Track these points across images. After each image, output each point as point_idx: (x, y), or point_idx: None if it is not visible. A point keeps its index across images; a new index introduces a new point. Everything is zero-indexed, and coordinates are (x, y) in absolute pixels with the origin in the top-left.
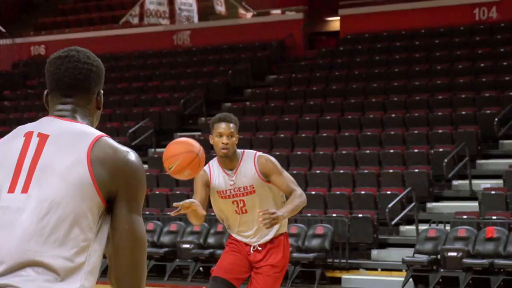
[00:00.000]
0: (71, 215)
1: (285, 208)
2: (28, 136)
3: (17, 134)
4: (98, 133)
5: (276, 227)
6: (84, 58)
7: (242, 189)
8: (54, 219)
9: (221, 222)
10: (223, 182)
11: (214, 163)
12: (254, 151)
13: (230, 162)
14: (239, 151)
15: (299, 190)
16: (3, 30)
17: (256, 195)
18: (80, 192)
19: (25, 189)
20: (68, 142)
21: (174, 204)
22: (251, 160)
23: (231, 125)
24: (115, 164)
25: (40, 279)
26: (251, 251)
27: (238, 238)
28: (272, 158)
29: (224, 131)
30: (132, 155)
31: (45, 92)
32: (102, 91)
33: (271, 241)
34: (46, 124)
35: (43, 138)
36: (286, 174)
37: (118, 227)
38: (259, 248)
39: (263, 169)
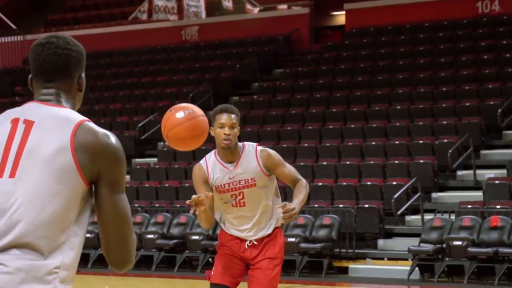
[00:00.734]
0: (55, 198)
1: (297, 200)
2: (15, 122)
3: (4, 120)
4: (80, 118)
5: (274, 222)
6: (64, 44)
7: (243, 182)
8: (40, 203)
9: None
10: (221, 176)
11: (210, 157)
12: (254, 144)
13: (231, 155)
14: (239, 144)
15: (303, 180)
16: (14, 27)
17: (257, 188)
18: (65, 177)
19: (12, 174)
20: (52, 128)
21: (188, 202)
22: (252, 154)
23: (233, 116)
24: (96, 148)
25: (25, 258)
26: (246, 246)
27: (233, 233)
28: (273, 151)
29: (226, 122)
30: (112, 138)
31: (30, 77)
32: (83, 74)
33: (267, 235)
34: (32, 110)
35: (29, 124)
36: (288, 165)
37: (102, 206)
38: (255, 243)
39: (266, 163)
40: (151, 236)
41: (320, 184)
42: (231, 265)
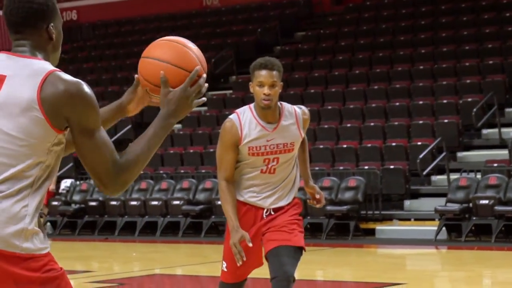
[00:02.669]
0: (25, 147)
1: (309, 171)
2: None
3: None
4: (48, 69)
5: (294, 192)
6: None
7: (282, 146)
8: (10, 151)
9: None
10: (258, 136)
11: (246, 114)
12: (291, 105)
13: (271, 115)
14: (278, 103)
15: (305, 137)
16: None
17: (292, 154)
18: (33, 127)
19: None
20: (22, 81)
21: (242, 261)
22: (292, 115)
23: (274, 72)
24: (63, 97)
25: None
26: (264, 216)
27: (250, 201)
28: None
29: (265, 80)
30: (78, 86)
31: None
32: (53, 24)
33: (286, 204)
34: (5, 64)
35: (1, 79)
36: None
37: (78, 150)
38: (272, 213)
39: (305, 124)
40: (177, 202)
41: (345, 146)
42: (245, 256)
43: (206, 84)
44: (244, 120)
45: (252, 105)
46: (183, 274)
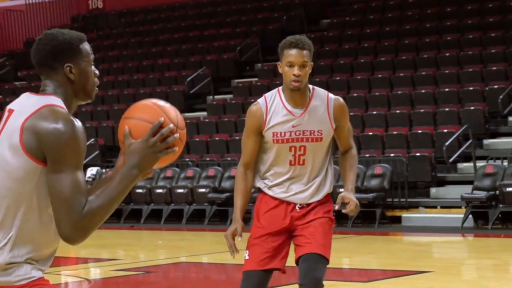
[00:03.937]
0: (8, 174)
1: (352, 183)
2: (6, 111)
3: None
4: (49, 103)
5: (327, 188)
6: (44, 39)
7: (308, 133)
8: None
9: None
10: (284, 121)
11: (273, 97)
12: (325, 90)
13: (299, 98)
14: (309, 85)
15: (355, 147)
16: None
17: (322, 144)
18: (14, 156)
19: None
20: (20, 115)
21: (234, 254)
22: (323, 100)
23: (304, 52)
24: (40, 132)
25: None
26: (298, 208)
27: (279, 196)
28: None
29: (295, 60)
30: (67, 122)
31: None
32: (71, 64)
33: (317, 200)
34: (19, 100)
35: (10, 113)
36: (349, 123)
37: (48, 185)
38: (305, 206)
39: (337, 114)
40: (202, 190)
41: (371, 133)
42: (271, 244)
43: (176, 135)
44: (271, 104)
45: (280, 87)
46: (209, 262)
